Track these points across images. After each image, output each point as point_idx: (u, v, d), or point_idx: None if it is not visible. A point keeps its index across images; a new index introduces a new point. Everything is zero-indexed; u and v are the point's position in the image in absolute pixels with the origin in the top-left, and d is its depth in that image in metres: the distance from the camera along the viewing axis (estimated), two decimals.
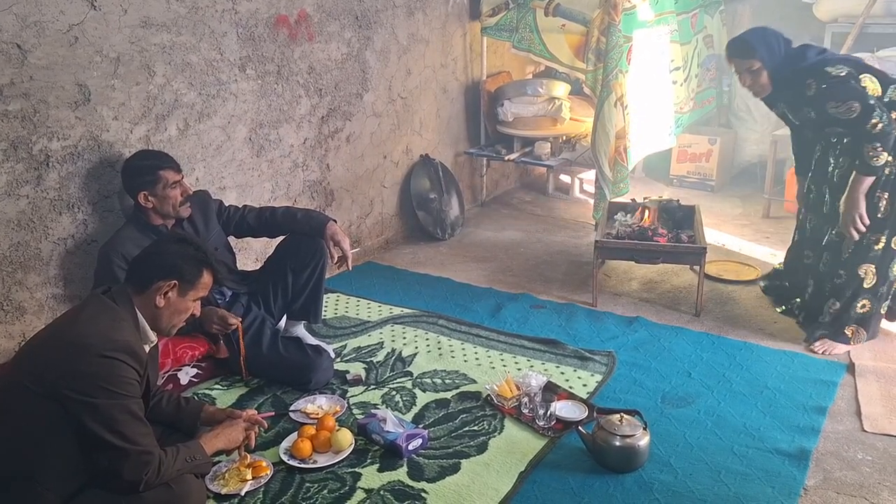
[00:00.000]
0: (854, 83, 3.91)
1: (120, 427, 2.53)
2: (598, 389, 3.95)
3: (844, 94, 3.91)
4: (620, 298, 5.07)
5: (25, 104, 3.55)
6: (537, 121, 6.51)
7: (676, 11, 6.31)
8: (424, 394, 3.93)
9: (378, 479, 3.26)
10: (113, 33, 3.84)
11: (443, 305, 4.97)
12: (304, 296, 4.17)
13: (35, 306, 3.79)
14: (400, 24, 5.78)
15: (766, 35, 4.14)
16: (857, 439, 3.51)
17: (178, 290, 2.81)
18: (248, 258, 4.86)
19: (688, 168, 7.36)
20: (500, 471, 3.30)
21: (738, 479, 3.25)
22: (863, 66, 4.04)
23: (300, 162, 5.13)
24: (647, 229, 4.96)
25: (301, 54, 4.94)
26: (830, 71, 3.94)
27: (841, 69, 3.93)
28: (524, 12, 6.18)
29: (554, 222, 6.68)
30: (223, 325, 3.83)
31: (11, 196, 3.58)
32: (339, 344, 4.44)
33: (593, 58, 5.71)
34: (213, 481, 3.12)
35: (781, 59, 4.09)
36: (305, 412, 3.69)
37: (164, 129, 4.18)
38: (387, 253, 6.02)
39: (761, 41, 4.11)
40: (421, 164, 6.30)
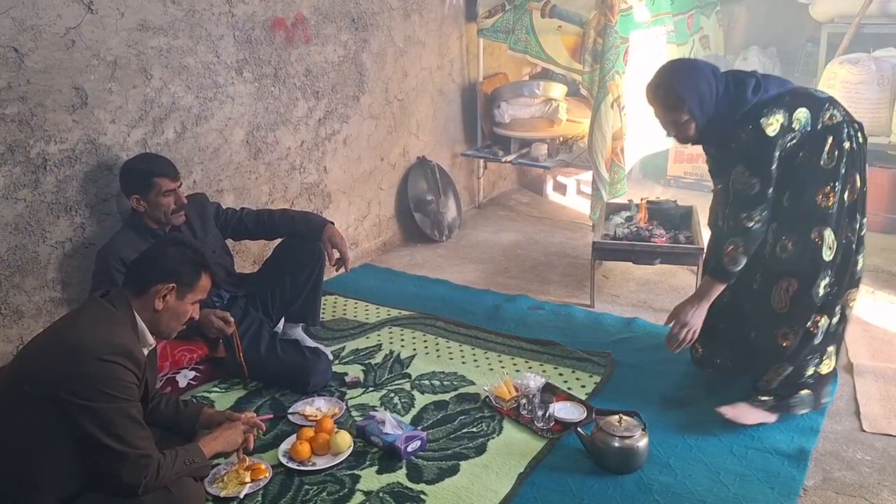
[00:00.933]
0: (775, 153, 3.29)
1: (118, 430, 2.53)
2: (596, 391, 3.95)
3: (756, 164, 3.33)
4: (618, 299, 5.08)
5: (22, 108, 3.54)
6: (534, 122, 6.51)
7: (673, 12, 6.32)
8: (423, 395, 3.92)
9: (377, 481, 3.25)
10: (110, 37, 3.83)
11: (441, 307, 4.97)
12: (303, 298, 4.17)
13: (33, 310, 3.78)
14: (396, 27, 5.78)
15: (698, 81, 3.37)
16: (857, 439, 3.51)
17: (176, 294, 2.81)
18: (246, 261, 4.86)
19: (685, 168, 7.36)
20: (499, 472, 3.30)
21: (738, 479, 3.25)
22: (794, 95, 3.36)
23: (297, 164, 5.13)
24: (644, 230, 4.97)
25: (298, 57, 4.94)
26: (764, 126, 3.26)
27: (774, 121, 3.26)
28: (520, 14, 6.18)
29: (551, 223, 6.68)
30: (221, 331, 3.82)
31: (9, 199, 3.58)
32: (338, 346, 4.44)
33: (590, 59, 5.72)
34: (211, 484, 3.12)
35: (714, 108, 3.39)
36: (304, 414, 3.68)
37: (162, 133, 4.18)
38: (384, 255, 6.02)
39: (693, 90, 3.36)
40: (418, 166, 6.30)
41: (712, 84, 3.38)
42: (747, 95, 3.33)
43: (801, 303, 3.42)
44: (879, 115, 6.16)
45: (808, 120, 3.31)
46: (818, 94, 3.44)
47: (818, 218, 3.34)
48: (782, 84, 3.42)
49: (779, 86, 3.39)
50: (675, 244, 4.81)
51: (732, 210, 3.45)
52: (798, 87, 3.45)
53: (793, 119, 3.30)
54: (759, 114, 3.28)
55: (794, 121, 3.30)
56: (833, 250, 3.37)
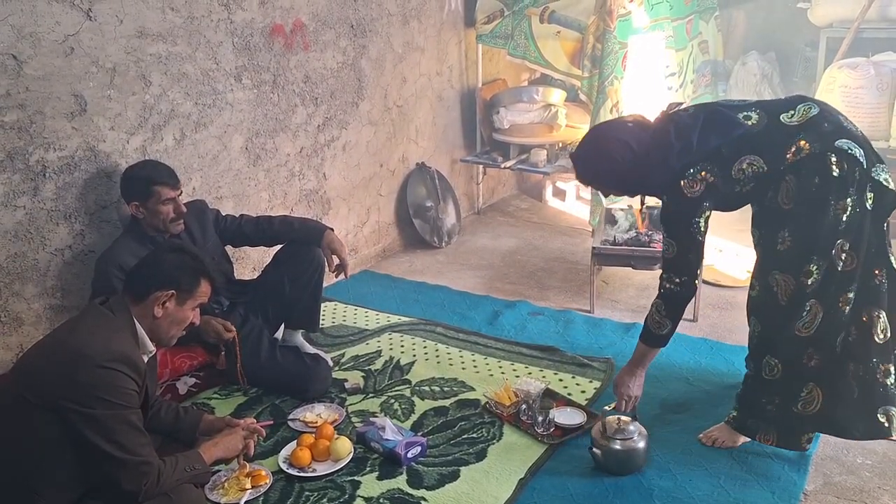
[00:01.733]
0: (697, 216, 3.17)
1: (118, 437, 2.53)
2: (596, 396, 3.95)
3: (671, 227, 3.28)
4: (618, 305, 5.08)
5: (22, 115, 3.54)
6: (533, 128, 6.51)
7: (671, 17, 6.33)
8: (423, 401, 3.92)
9: (377, 487, 3.25)
10: (109, 44, 3.84)
11: (440, 313, 4.97)
12: (302, 305, 4.16)
13: (33, 317, 3.78)
14: (395, 33, 5.79)
15: (598, 164, 3.35)
16: (857, 444, 3.49)
17: (175, 300, 2.81)
18: (246, 267, 4.86)
19: None
20: (499, 478, 3.30)
21: (738, 484, 3.25)
22: (743, 143, 3.13)
23: (296, 171, 5.13)
24: (643, 235, 4.96)
25: (297, 63, 4.95)
26: (683, 189, 3.14)
27: (698, 181, 3.13)
28: (519, 19, 6.18)
29: (551, 229, 6.68)
30: (220, 338, 3.82)
31: (8, 207, 3.58)
32: (338, 352, 4.44)
33: (589, 64, 5.72)
34: (212, 490, 3.12)
35: (635, 172, 3.26)
36: (304, 421, 3.68)
37: (161, 139, 4.18)
38: (384, 261, 6.02)
39: (594, 174, 3.41)
40: (417, 173, 6.30)
41: (617, 161, 3.24)
42: (670, 159, 3.16)
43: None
44: (879, 119, 6.16)
45: (762, 166, 3.09)
46: (783, 126, 3.12)
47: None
48: (731, 128, 3.16)
49: (725, 134, 3.15)
50: None
51: (662, 270, 3.37)
52: (753, 129, 3.14)
53: (733, 169, 3.12)
54: (682, 175, 3.14)
55: (738, 171, 3.12)
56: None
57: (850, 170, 3.01)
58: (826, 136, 3.04)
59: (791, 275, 3.14)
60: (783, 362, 3.25)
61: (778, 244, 3.15)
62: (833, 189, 3.01)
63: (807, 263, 3.09)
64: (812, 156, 3.03)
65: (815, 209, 3.05)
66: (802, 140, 3.05)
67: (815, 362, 3.20)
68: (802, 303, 3.15)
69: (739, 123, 3.16)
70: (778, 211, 3.13)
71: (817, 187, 3.03)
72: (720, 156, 3.14)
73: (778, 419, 3.33)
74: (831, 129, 3.07)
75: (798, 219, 3.09)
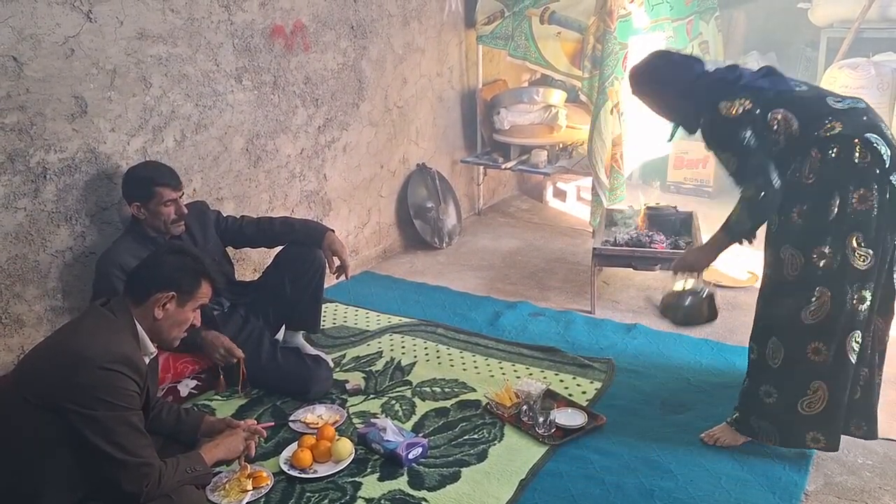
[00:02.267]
0: (742, 132, 3.21)
1: (120, 439, 2.53)
2: (597, 397, 3.95)
3: (722, 142, 3.36)
4: (619, 305, 5.08)
5: (22, 117, 3.55)
6: (534, 128, 6.51)
7: (672, 18, 6.32)
8: (424, 402, 3.93)
9: (378, 489, 3.26)
10: (109, 45, 3.84)
11: (441, 314, 4.97)
12: (303, 306, 4.16)
13: (34, 319, 3.78)
14: (395, 34, 5.79)
15: (667, 68, 3.50)
16: (858, 444, 3.50)
17: (176, 302, 2.81)
18: (247, 269, 4.86)
19: (685, 174, 7.36)
20: (500, 479, 3.30)
21: (739, 484, 3.25)
22: (782, 98, 3.24)
23: (297, 172, 5.13)
24: (644, 236, 4.97)
25: (297, 64, 4.95)
26: (721, 109, 3.25)
27: (737, 105, 3.22)
28: (519, 20, 6.18)
29: (551, 230, 6.69)
30: (227, 357, 3.82)
31: (9, 209, 3.58)
32: (338, 353, 4.44)
33: (589, 65, 5.72)
34: (213, 492, 3.11)
35: (685, 90, 3.41)
36: (305, 422, 3.68)
37: (162, 141, 4.18)
38: (384, 262, 6.02)
39: (657, 76, 3.51)
40: (418, 174, 6.30)
41: (674, 79, 3.43)
42: (718, 85, 3.32)
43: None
44: None
45: (796, 127, 3.17)
46: (831, 103, 3.21)
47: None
48: (780, 82, 3.31)
49: (774, 82, 3.30)
50: (675, 250, 4.81)
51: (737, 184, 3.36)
52: (800, 94, 3.28)
53: (769, 115, 3.20)
54: (720, 99, 3.25)
55: (772, 118, 3.19)
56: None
57: (871, 162, 3.05)
58: (860, 126, 3.11)
59: (802, 252, 3.17)
60: (786, 349, 3.26)
61: (794, 217, 3.19)
62: (852, 175, 3.07)
63: (819, 244, 3.13)
64: (840, 136, 3.09)
65: (833, 189, 3.09)
66: (838, 122, 3.11)
67: (821, 358, 3.19)
68: (811, 286, 3.16)
69: (790, 83, 3.31)
70: (798, 185, 3.17)
71: (837, 168, 3.08)
72: (763, 96, 3.23)
73: (779, 417, 3.33)
74: (867, 123, 3.14)
75: (815, 196, 3.13)
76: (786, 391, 3.29)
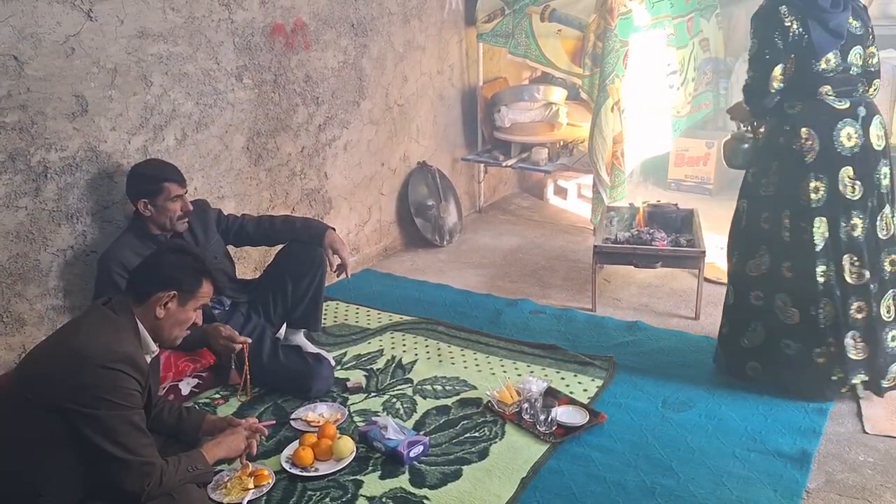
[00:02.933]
0: (768, 21, 3.72)
1: (121, 438, 2.53)
2: (598, 394, 3.95)
3: (756, 25, 3.84)
4: (620, 303, 5.08)
5: (23, 116, 3.55)
6: (534, 126, 6.51)
7: (672, 15, 6.32)
8: (425, 400, 3.93)
9: (380, 487, 3.26)
10: (110, 44, 3.84)
11: (442, 312, 4.97)
12: (304, 304, 4.16)
13: (35, 318, 3.79)
14: (396, 32, 5.79)
15: None
16: (859, 441, 3.51)
17: (177, 301, 2.81)
18: (248, 267, 4.86)
19: (685, 172, 7.36)
20: (501, 477, 3.30)
21: (740, 482, 3.25)
22: (796, 44, 3.65)
23: (298, 170, 5.14)
24: (645, 233, 4.97)
25: (297, 63, 4.95)
26: (782, 11, 3.66)
27: (786, 14, 3.65)
28: (520, 18, 6.18)
29: (552, 227, 6.68)
30: (228, 344, 3.82)
31: (10, 208, 3.58)
32: (340, 352, 4.44)
33: (590, 62, 5.72)
34: (215, 490, 3.12)
35: None
36: (306, 420, 3.68)
37: (162, 140, 4.18)
38: (385, 260, 6.02)
39: None
40: (418, 172, 6.30)
41: None
42: None
43: None
44: None
45: (779, 76, 3.68)
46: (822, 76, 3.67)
47: None
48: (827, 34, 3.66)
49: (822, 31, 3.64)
50: (676, 247, 4.82)
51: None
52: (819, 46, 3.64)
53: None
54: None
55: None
56: None
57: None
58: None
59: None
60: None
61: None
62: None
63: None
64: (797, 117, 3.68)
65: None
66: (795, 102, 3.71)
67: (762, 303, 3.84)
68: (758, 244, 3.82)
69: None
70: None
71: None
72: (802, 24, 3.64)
73: (725, 345, 4.07)
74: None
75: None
76: (732, 325, 4.03)
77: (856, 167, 3.62)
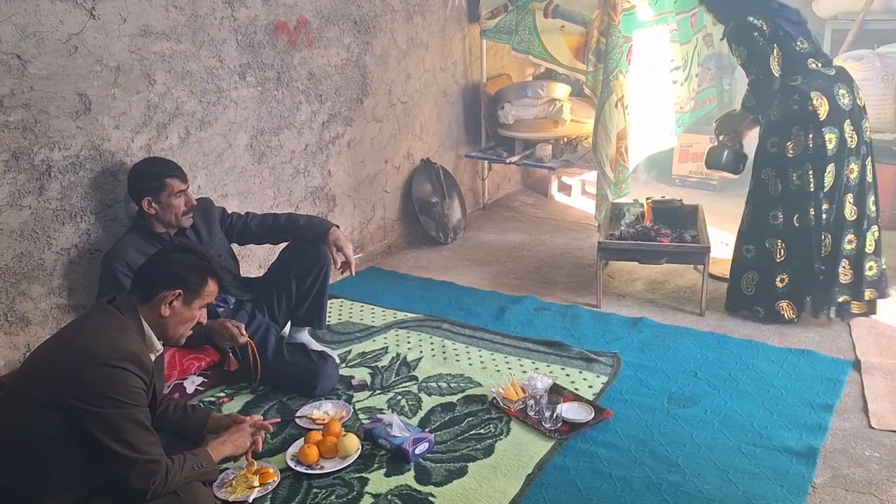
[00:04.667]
0: (757, 38, 4.33)
1: (126, 436, 2.52)
2: (603, 391, 3.94)
3: (738, 39, 4.42)
4: (624, 299, 5.07)
5: (26, 114, 3.55)
6: (538, 123, 6.50)
7: (676, 11, 6.31)
8: (430, 398, 3.92)
9: (385, 484, 3.25)
10: (112, 42, 3.84)
11: (447, 309, 4.97)
12: (308, 302, 4.16)
13: (39, 317, 3.79)
14: (399, 29, 5.78)
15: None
16: (865, 436, 3.50)
17: (182, 300, 2.81)
18: (252, 265, 4.86)
19: (690, 168, 7.35)
20: (507, 474, 3.30)
21: (747, 478, 3.24)
22: (783, 40, 4.38)
23: (302, 168, 5.13)
24: (650, 230, 4.96)
25: (301, 60, 4.95)
26: (750, 20, 4.34)
27: (758, 25, 4.32)
28: (523, 14, 6.17)
29: (556, 224, 6.68)
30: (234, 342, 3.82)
31: (14, 207, 3.59)
32: (344, 349, 4.44)
33: (593, 59, 5.71)
34: (220, 488, 3.12)
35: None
36: (311, 418, 3.68)
37: (166, 138, 4.18)
38: (390, 258, 6.02)
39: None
40: (422, 169, 6.30)
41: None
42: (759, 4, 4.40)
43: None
44: (884, 111, 6.14)
45: (777, 67, 4.37)
46: (808, 65, 4.43)
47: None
48: (796, 28, 4.44)
49: (793, 27, 4.41)
50: (680, 243, 4.81)
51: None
52: (797, 48, 4.43)
53: (770, 46, 4.34)
54: (750, 14, 4.36)
55: (772, 48, 4.34)
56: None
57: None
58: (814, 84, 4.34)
59: (778, 174, 4.45)
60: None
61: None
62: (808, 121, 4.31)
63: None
64: (798, 89, 4.34)
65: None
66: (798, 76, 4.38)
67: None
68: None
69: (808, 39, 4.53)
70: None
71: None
72: (775, 28, 4.36)
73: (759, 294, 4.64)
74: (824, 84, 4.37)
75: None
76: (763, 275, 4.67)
77: (852, 120, 4.34)
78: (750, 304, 4.68)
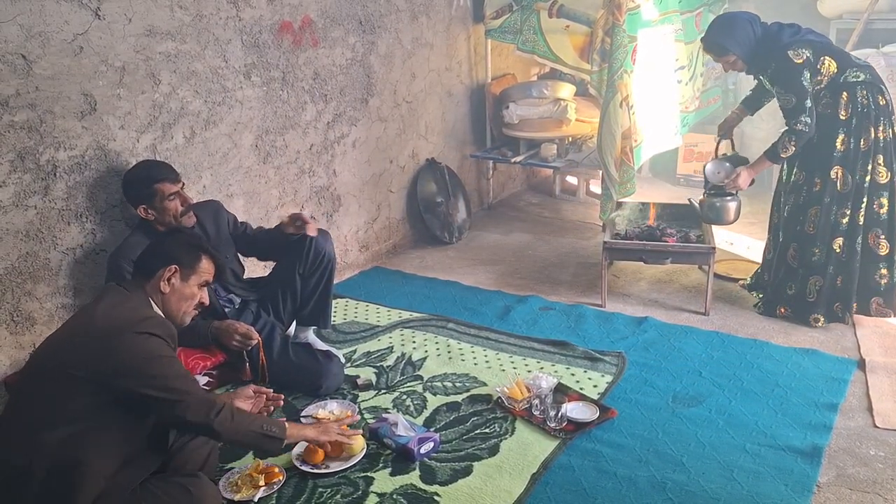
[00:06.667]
0: (803, 76, 4.29)
1: (173, 383, 2.62)
2: (608, 390, 3.94)
3: (788, 84, 4.34)
4: (629, 299, 5.07)
5: (31, 115, 3.55)
6: (543, 122, 6.51)
7: (681, 10, 6.30)
8: (435, 397, 3.93)
9: (391, 484, 3.26)
10: (118, 42, 3.85)
11: (452, 309, 4.97)
12: (313, 301, 4.17)
13: (45, 316, 3.80)
14: (404, 29, 5.79)
15: (734, 30, 4.50)
16: (870, 435, 3.50)
17: (179, 276, 2.88)
18: (257, 265, 4.86)
19: (694, 167, 7.34)
20: (512, 473, 3.30)
21: (751, 477, 3.24)
22: (827, 48, 4.42)
23: (307, 168, 5.14)
24: (655, 229, 4.96)
25: (306, 60, 4.95)
26: (791, 56, 4.30)
27: (801, 54, 4.31)
28: (528, 14, 6.17)
29: (561, 224, 6.68)
30: (243, 341, 3.82)
31: (20, 207, 3.59)
32: (349, 349, 4.44)
33: (598, 58, 5.71)
34: (225, 488, 3.13)
35: (755, 45, 4.47)
36: (317, 417, 3.68)
37: (171, 138, 4.19)
38: (395, 257, 6.03)
39: (732, 39, 4.49)
40: (427, 169, 6.30)
41: (748, 29, 4.48)
42: (783, 37, 4.38)
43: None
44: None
45: (834, 70, 4.35)
46: (853, 59, 4.45)
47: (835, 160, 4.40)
48: (820, 37, 4.46)
49: (817, 36, 4.43)
50: (685, 243, 4.81)
51: (785, 119, 4.44)
52: (835, 46, 4.53)
53: (819, 61, 4.34)
54: (788, 48, 4.32)
55: (820, 63, 4.34)
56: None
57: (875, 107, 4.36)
58: (876, 77, 4.40)
59: (848, 170, 4.40)
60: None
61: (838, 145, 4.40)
62: (879, 115, 4.36)
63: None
64: (866, 83, 4.35)
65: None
66: (858, 71, 4.36)
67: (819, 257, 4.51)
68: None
69: (824, 37, 4.54)
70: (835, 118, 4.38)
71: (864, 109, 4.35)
72: (813, 47, 4.36)
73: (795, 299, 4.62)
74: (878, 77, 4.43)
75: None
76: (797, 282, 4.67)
77: (883, 118, 4.39)
78: (812, 310, 4.57)
